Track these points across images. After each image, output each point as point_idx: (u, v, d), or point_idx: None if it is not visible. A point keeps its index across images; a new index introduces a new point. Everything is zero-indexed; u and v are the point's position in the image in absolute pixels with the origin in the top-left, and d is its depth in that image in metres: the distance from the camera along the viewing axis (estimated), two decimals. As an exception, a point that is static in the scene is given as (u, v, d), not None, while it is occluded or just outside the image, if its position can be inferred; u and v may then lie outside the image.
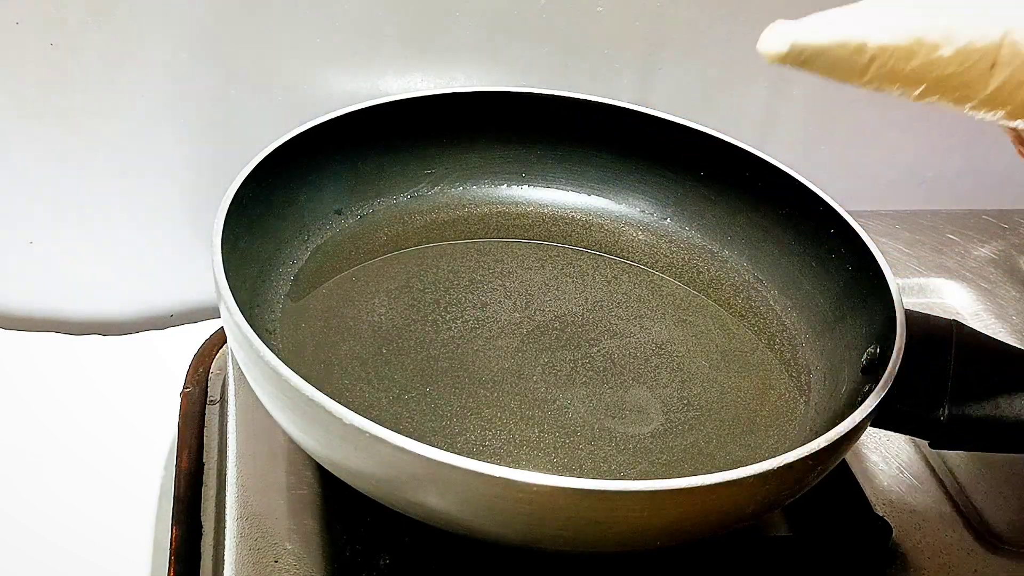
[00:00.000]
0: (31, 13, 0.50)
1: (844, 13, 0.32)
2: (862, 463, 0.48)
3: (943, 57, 0.32)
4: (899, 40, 0.32)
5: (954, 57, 0.32)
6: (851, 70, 0.32)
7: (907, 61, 0.32)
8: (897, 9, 0.33)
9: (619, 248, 0.54)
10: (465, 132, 0.54)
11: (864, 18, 0.32)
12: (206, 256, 0.40)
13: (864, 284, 0.44)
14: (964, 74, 0.33)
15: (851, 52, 0.32)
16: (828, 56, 0.32)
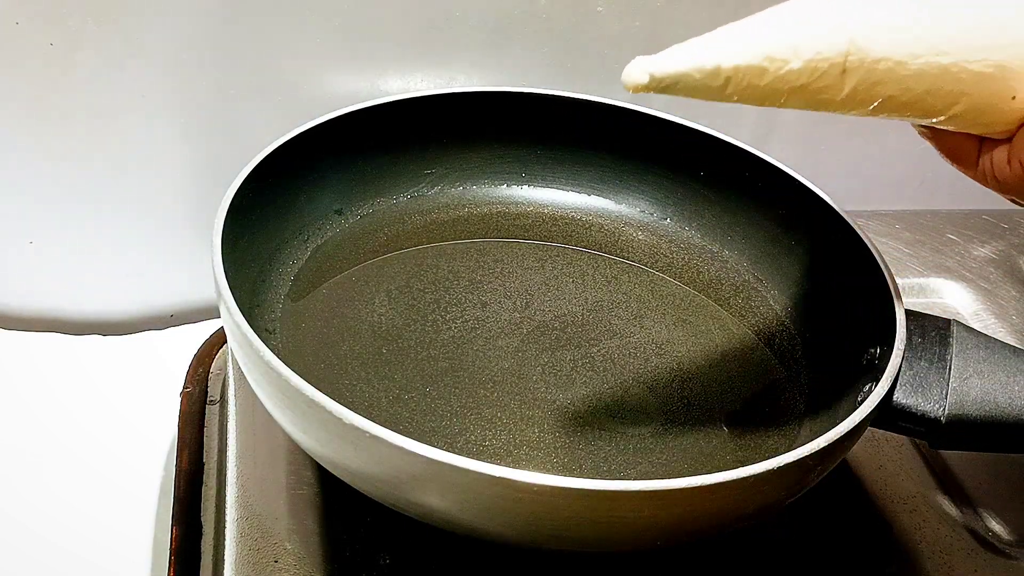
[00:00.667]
0: (31, 13, 0.50)
1: (698, 41, 0.35)
2: (862, 463, 0.48)
3: (793, 70, 0.34)
4: (750, 60, 0.34)
5: (804, 69, 0.34)
6: (709, 91, 0.35)
7: (760, 77, 0.34)
8: (747, 31, 0.35)
9: (619, 248, 0.54)
10: (465, 132, 0.54)
11: (716, 43, 0.35)
12: (206, 256, 0.40)
13: (864, 284, 0.44)
14: (817, 82, 0.35)
15: (706, 76, 0.34)
16: (686, 81, 0.34)
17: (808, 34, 0.35)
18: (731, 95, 0.35)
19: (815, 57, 0.34)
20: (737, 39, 0.35)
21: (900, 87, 0.35)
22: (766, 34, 0.35)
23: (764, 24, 0.35)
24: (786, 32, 0.35)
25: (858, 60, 0.35)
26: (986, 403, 0.38)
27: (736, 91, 0.35)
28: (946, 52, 0.35)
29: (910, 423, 0.39)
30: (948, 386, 0.39)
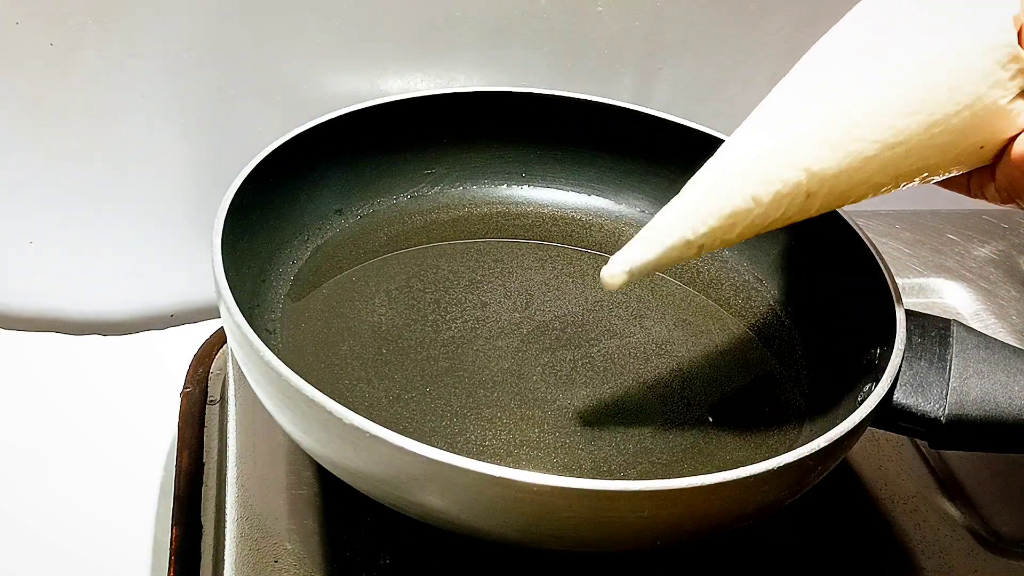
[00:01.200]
0: (31, 13, 0.50)
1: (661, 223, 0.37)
2: (862, 463, 0.48)
3: (760, 214, 0.36)
4: (715, 223, 0.36)
5: (769, 209, 0.36)
6: (687, 257, 0.37)
7: (731, 231, 0.37)
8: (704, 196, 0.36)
9: (619, 248, 0.54)
10: (465, 132, 0.54)
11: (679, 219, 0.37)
12: (206, 256, 0.40)
13: (864, 284, 0.44)
14: (787, 212, 0.36)
15: (680, 251, 0.37)
16: (662, 262, 0.37)
17: (761, 179, 0.36)
18: (709, 250, 0.37)
19: (776, 196, 0.36)
20: (697, 207, 0.36)
21: (868, 184, 0.36)
22: (722, 194, 0.36)
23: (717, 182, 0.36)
24: (740, 185, 0.36)
25: (818, 182, 0.36)
26: (986, 403, 0.38)
27: (712, 247, 0.37)
28: (900, 143, 0.35)
29: (910, 423, 0.39)
30: (948, 386, 0.39)
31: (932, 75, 0.34)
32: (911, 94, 0.35)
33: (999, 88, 0.34)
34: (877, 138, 0.35)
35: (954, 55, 0.34)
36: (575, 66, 0.60)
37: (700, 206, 0.37)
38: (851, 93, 0.35)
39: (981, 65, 0.34)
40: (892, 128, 0.35)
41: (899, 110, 0.35)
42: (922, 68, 0.34)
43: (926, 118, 0.35)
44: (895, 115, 0.35)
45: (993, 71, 0.34)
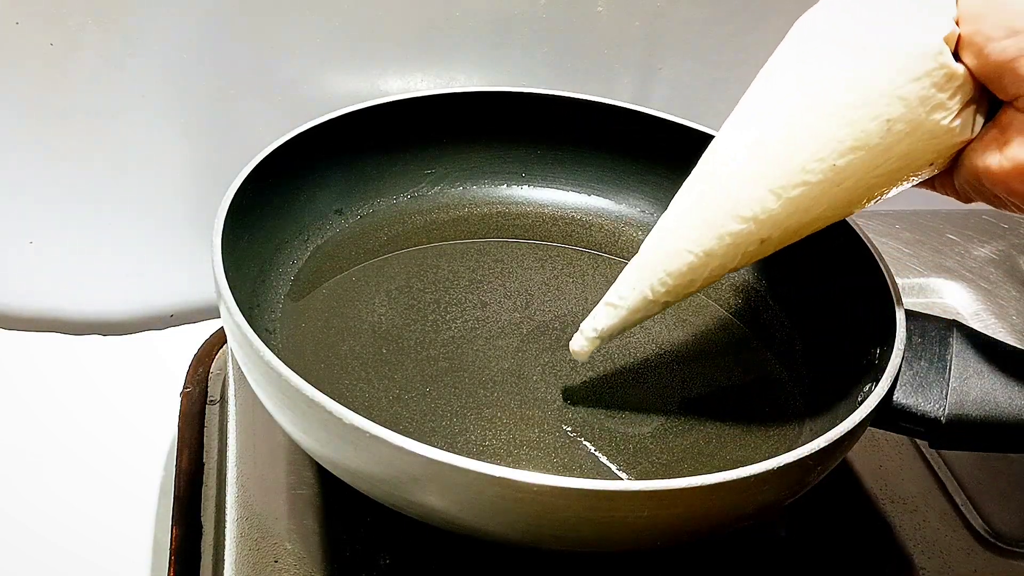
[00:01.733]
0: (31, 13, 0.50)
1: (623, 286, 0.39)
2: (862, 463, 0.48)
3: (717, 265, 0.37)
4: (673, 281, 0.38)
5: (725, 260, 0.37)
6: (654, 313, 0.40)
7: (691, 285, 0.38)
8: (659, 254, 0.38)
9: (619, 248, 0.54)
10: (465, 132, 0.54)
11: (638, 282, 0.39)
12: (206, 256, 0.40)
13: (864, 284, 0.44)
14: (744, 258, 0.37)
15: (645, 309, 0.39)
16: (629, 322, 0.40)
17: (711, 234, 0.37)
18: (677, 301, 0.39)
19: (729, 247, 0.37)
20: (654, 266, 0.38)
21: (822, 218, 0.36)
22: (675, 251, 0.38)
23: (668, 240, 0.38)
24: (691, 242, 0.37)
25: (768, 227, 0.36)
26: (986, 403, 0.38)
27: (676, 300, 0.39)
28: (845, 178, 0.35)
29: (910, 423, 0.39)
30: (948, 386, 0.39)
31: (868, 111, 0.33)
32: (849, 133, 0.34)
33: (940, 111, 0.33)
34: (821, 179, 0.35)
35: (887, 87, 0.33)
36: (575, 66, 0.60)
37: (656, 265, 0.38)
38: (790, 140, 0.35)
39: (917, 93, 0.32)
40: (834, 168, 0.34)
41: (838, 150, 0.34)
42: (857, 106, 0.33)
43: (867, 154, 0.34)
44: (835, 156, 0.34)
45: (930, 96, 0.32)
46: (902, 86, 0.32)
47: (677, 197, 0.39)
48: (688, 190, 0.38)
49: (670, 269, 0.38)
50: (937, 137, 0.33)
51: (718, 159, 0.37)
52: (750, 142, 0.36)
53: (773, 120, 0.35)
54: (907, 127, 0.33)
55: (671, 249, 0.38)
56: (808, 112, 0.34)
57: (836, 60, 0.34)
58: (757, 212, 0.36)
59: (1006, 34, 0.30)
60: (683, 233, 0.38)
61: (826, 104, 0.34)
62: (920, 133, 0.33)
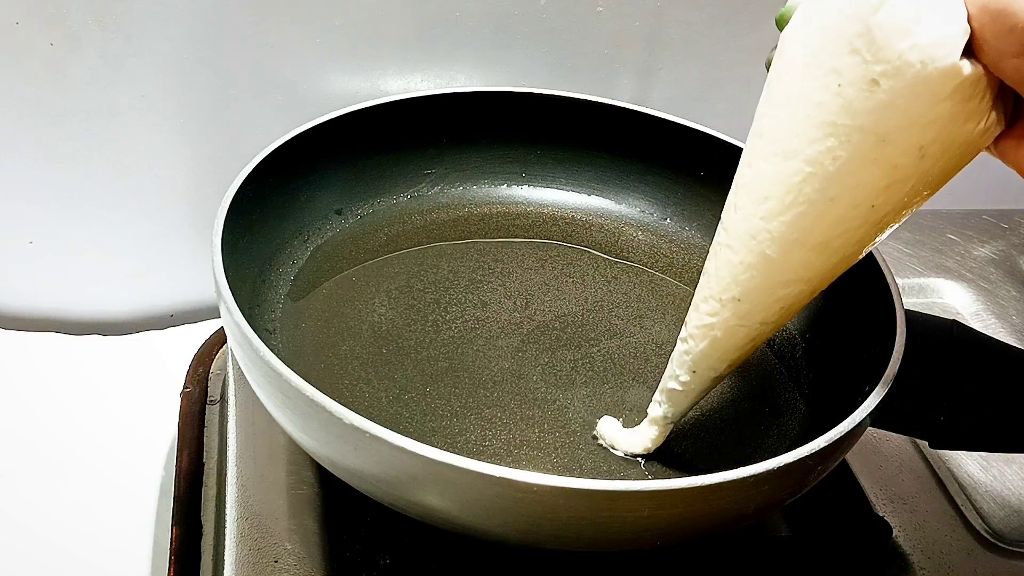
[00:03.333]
0: (31, 13, 0.50)
1: (682, 370, 0.39)
2: (862, 463, 0.48)
3: (773, 325, 0.37)
4: (739, 352, 0.37)
5: (781, 319, 0.36)
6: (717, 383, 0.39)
7: (751, 350, 0.38)
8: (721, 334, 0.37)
9: (619, 248, 0.54)
10: (465, 132, 0.54)
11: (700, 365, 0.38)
12: (206, 256, 0.40)
13: (864, 284, 0.44)
14: (797, 309, 0.36)
15: (712, 384, 0.39)
16: (697, 401, 0.40)
17: (762, 306, 0.36)
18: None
19: (783, 310, 0.36)
20: (713, 350, 0.38)
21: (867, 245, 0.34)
22: (730, 331, 0.37)
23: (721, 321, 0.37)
24: (744, 316, 0.36)
25: (818, 278, 0.35)
26: (986, 403, 0.39)
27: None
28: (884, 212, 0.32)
29: (910, 423, 0.39)
30: (948, 386, 0.39)
31: (897, 148, 0.30)
32: (881, 175, 0.31)
33: (972, 119, 0.30)
34: (860, 222, 0.32)
35: (913, 117, 0.29)
36: (575, 66, 0.60)
37: (717, 346, 0.37)
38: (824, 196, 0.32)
39: (947, 112, 0.29)
40: (872, 209, 0.32)
41: (873, 192, 0.31)
42: (884, 145, 0.30)
43: (903, 185, 0.31)
44: (871, 198, 0.31)
45: (960, 110, 0.29)
46: (929, 111, 0.29)
47: (710, 265, 0.36)
48: (724, 259, 0.36)
49: (729, 345, 0.37)
50: (973, 142, 0.31)
51: (749, 227, 0.34)
52: (781, 206, 0.33)
53: (798, 175, 0.32)
54: (942, 146, 0.30)
55: (725, 327, 0.37)
56: (831, 163, 0.31)
57: (848, 98, 0.30)
58: (803, 273, 0.34)
59: (1016, 52, 0.27)
60: (732, 309, 0.36)
61: (851, 152, 0.31)
62: (956, 146, 0.30)
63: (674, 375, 0.39)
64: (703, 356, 0.38)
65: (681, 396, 0.39)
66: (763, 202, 0.33)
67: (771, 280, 0.35)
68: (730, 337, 0.37)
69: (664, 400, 0.40)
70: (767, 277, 0.35)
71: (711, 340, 0.37)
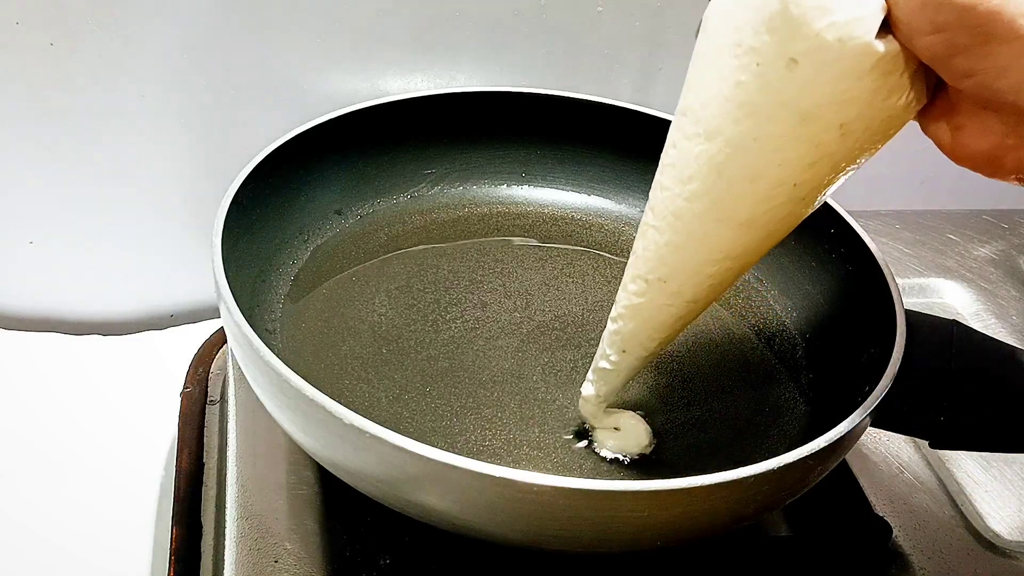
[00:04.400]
0: (31, 13, 0.50)
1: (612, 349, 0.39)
2: (862, 463, 0.48)
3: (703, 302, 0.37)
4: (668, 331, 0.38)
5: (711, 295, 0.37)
6: (649, 361, 0.39)
7: (681, 329, 0.38)
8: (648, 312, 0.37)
9: (619, 248, 0.54)
10: (465, 132, 0.54)
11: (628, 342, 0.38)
12: (206, 256, 0.40)
13: (864, 284, 0.44)
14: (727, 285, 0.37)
15: (641, 363, 0.39)
16: (629, 378, 0.40)
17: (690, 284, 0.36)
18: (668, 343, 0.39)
19: (711, 287, 0.36)
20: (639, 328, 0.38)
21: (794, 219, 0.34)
22: (657, 309, 0.37)
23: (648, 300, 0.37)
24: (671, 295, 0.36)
25: (744, 253, 0.35)
26: (986, 403, 0.38)
27: (671, 341, 0.39)
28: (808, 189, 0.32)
29: (910, 423, 0.39)
30: (948, 386, 0.39)
31: (819, 125, 0.30)
32: (804, 153, 0.31)
33: (895, 93, 0.29)
34: (785, 200, 0.32)
35: (832, 95, 0.29)
36: (575, 66, 0.60)
37: (642, 325, 0.38)
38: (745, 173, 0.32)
39: (867, 87, 0.29)
40: (795, 187, 0.32)
41: (796, 170, 0.31)
42: (805, 124, 0.30)
43: (826, 161, 0.31)
44: (794, 176, 0.31)
45: (881, 84, 0.29)
46: (849, 88, 0.29)
47: (638, 245, 0.36)
48: (650, 239, 0.36)
49: (657, 324, 0.37)
50: (895, 117, 0.30)
51: (674, 207, 0.34)
52: (705, 186, 0.33)
53: (720, 155, 0.32)
54: (864, 122, 0.30)
55: (653, 307, 0.37)
56: (753, 143, 0.31)
57: (768, 77, 0.30)
58: (731, 251, 0.34)
59: (930, 30, 0.27)
60: (660, 288, 0.36)
61: (772, 131, 0.31)
62: (878, 122, 0.30)
63: (604, 354, 0.39)
64: (632, 335, 0.38)
65: (612, 375, 0.39)
66: (687, 182, 0.33)
67: (697, 259, 0.35)
68: (658, 315, 0.37)
69: (596, 379, 0.40)
70: (693, 256, 0.35)
71: (640, 320, 0.37)
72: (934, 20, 0.27)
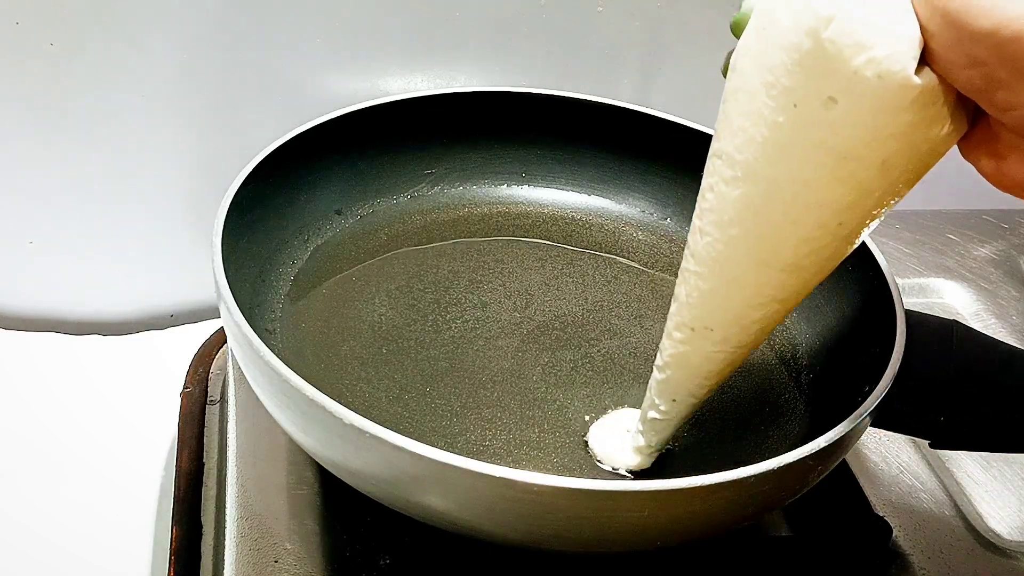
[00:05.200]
0: (31, 13, 0.50)
1: (662, 399, 0.38)
2: (862, 463, 0.48)
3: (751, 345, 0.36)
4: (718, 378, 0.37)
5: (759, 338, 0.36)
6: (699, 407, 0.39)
7: (731, 372, 0.37)
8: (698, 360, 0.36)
9: (619, 248, 0.54)
10: (465, 132, 0.54)
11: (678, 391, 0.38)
12: (206, 256, 0.40)
13: (864, 284, 0.44)
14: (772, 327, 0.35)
15: (693, 409, 0.39)
16: (679, 426, 0.39)
17: (737, 329, 0.35)
18: None
19: (758, 331, 0.35)
20: (689, 376, 0.37)
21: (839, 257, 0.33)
22: (707, 357, 0.36)
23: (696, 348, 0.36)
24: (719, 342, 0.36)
25: (790, 294, 0.34)
26: (986, 403, 0.38)
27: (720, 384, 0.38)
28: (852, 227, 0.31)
29: (910, 423, 0.39)
30: (948, 386, 0.39)
31: (860, 164, 0.29)
32: (844, 193, 0.30)
33: (936, 123, 0.28)
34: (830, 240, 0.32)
35: (874, 132, 0.28)
36: (575, 66, 0.60)
37: (693, 373, 0.37)
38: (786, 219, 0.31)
39: (907, 121, 0.28)
40: (840, 225, 0.31)
41: (837, 210, 0.30)
42: (846, 164, 0.29)
43: (868, 199, 0.30)
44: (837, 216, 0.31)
45: (921, 117, 0.28)
46: (889, 123, 0.28)
47: (680, 291, 0.36)
48: (693, 286, 0.35)
49: (706, 372, 0.37)
50: (936, 148, 0.30)
51: (716, 253, 0.33)
52: (745, 231, 0.32)
53: (759, 199, 0.31)
54: (905, 156, 0.29)
55: (701, 355, 0.36)
56: (791, 185, 0.30)
57: (806, 117, 0.29)
58: (775, 293, 0.33)
59: (968, 64, 0.26)
60: (706, 336, 0.35)
61: (813, 172, 0.30)
62: (920, 154, 0.29)
63: (653, 404, 0.38)
64: (681, 384, 0.37)
65: (663, 424, 0.39)
66: (727, 227, 0.32)
67: (743, 304, 0.34)
68: (707, 364, 0.36)
69: (647, 430, 0.39)
70: (739, 302, 0.34)
71: (688, 368, 0.37)
72: (971, 54, 0.26)
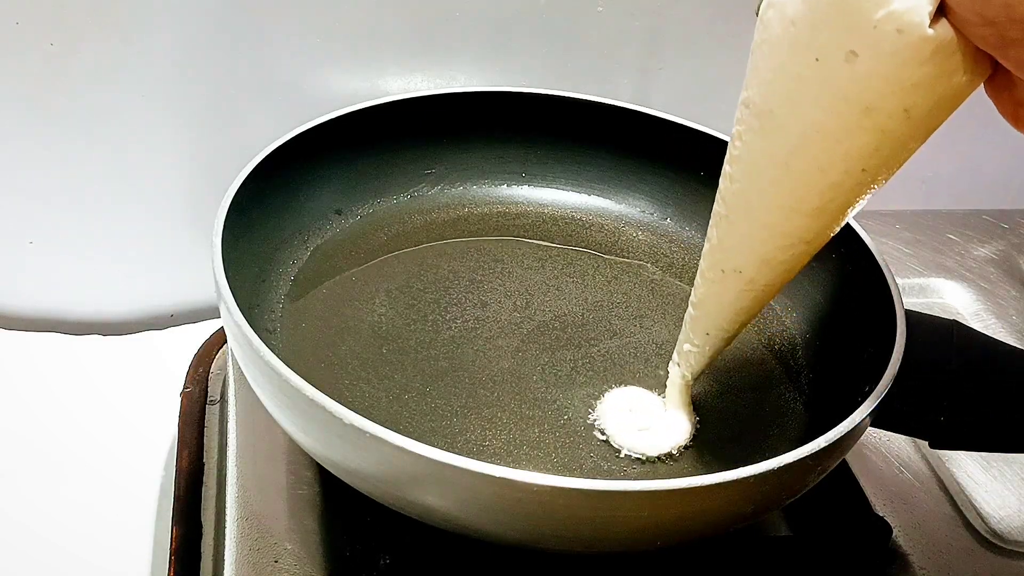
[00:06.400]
0: (31, 13, 0.50)
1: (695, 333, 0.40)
2: (862, 463, 0.48)
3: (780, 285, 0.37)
4: (748, 315, 0.38)
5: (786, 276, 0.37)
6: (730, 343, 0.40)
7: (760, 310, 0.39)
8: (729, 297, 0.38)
9: (619, 248, 0.54)
10: (465, 132, 0.54)
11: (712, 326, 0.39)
12: (206, 256, 0.40)
13: (864, 284, 0.44)
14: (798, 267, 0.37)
15: (725, 344, 0.40)
16: (713, 359, 0.41)
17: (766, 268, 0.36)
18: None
19: (783, 271, 0.36)
20: (720, 311, 0.39)
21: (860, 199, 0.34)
22: (738, 295, 0.38)
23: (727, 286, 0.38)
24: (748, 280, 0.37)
25: (814, 236, 0.35)
26: (986, 403, 0.38)
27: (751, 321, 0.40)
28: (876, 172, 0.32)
29: (910, 423, 0.39)
30: (948, 386, 0.39)
31: (883, 114, 0.30)
32: (869, 141, 0.31)
33: (957, 72, 0.29)
34: (854, 184, 0.33)
35: (896, 83, 0.29)
36: (575, 66, 0.60)
37: (724, 308, 0.38)
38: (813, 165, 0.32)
39: (929, 72, 0.29)
40: (864, 172, 0.32)
41: (862, 156, 0.31)
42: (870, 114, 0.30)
43: (892, 144, 0.31)
44: (862, 162, 0.32)
45: (942, 68, 0.29)
46: (911, 75, 0.29)
47: (712, 233, 0.38)
48: (724, 230, 0.37)
49: (736, 308, 0.38)
50: (958, 94, 0.30)
51: (746, 200, 0.35)
52: (774, 179, 0.33)
53: (786, 149, 0.32)
54: (928, 103, 0.30)
55: (731, 293, 0.38)
56: (817, 135, 0.31)
57: (828, 71, 0.30)
58: (803, 235, 0.35)
59: (981, 22, 0.27)
60: (736, 277, 0.37)
61: (838, 123, 0.31)
62: (943, 100, 0.30)
63: (688, 338, 0.40)
64: (713, 319, 0.39)
65: (697, 355, 0.41)
66: (756, 176, 0.34)
67: (772, 246, 0.35)
68: (737, 301, 0.38)
69: (682, 362, 0.41)
70: (767, 244, 0.35)
71: (719, 305, 0.38)
72: (983, 14, 0.27)
